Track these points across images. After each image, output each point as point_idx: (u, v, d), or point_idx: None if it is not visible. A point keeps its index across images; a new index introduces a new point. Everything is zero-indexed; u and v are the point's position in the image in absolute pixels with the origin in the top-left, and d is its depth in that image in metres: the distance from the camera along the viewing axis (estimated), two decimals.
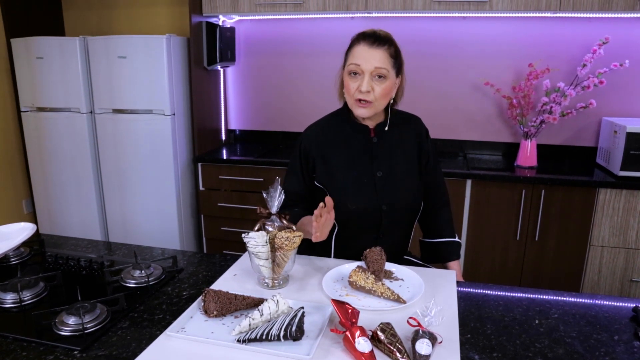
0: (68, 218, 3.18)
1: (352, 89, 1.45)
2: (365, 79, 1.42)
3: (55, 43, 2.90)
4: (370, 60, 1.42)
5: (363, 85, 1.42)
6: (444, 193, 1.70)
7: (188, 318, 1.14)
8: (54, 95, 2.98)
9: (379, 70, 1.42)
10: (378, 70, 1.42)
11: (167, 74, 2.81)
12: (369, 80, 1.42)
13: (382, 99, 1.46)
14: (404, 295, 1.25)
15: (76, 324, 1.11)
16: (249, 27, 3.28)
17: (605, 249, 2.55)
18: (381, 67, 1.42)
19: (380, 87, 1.43)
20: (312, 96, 3.26)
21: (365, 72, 1.42)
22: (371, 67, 1.42)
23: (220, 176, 2.96)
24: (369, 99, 1.44)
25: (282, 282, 1.32)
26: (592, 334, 1.12)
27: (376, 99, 1.44)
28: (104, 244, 1.71)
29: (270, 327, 1.04)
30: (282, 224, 1.31)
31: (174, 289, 1.33)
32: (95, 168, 3.07)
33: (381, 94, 1.44)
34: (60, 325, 1.12)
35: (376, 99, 1.44)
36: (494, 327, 1.14)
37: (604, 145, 2.78)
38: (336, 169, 1.53)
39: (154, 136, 2.90)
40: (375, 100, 1.45)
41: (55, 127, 3.03)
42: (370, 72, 1.42)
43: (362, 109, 1.46)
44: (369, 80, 1.42)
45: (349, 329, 1.01)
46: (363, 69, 1.42)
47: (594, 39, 2.73)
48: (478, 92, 3.04)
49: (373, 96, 1.44)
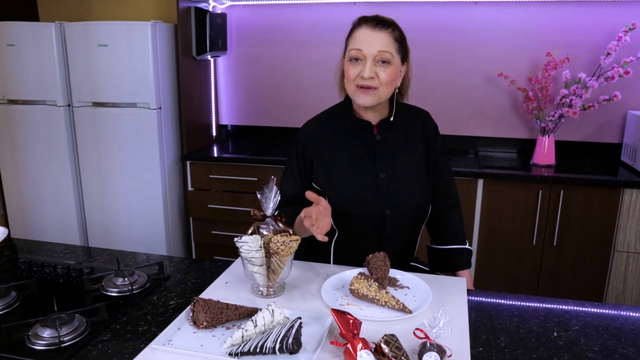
0: (43, 221, 3.17)
1: (353, 75, 1.43)
2: (367, 65, 1.41)
3: (29, 29, 2.89)
4: (373, 44, 1.41)
5: (365, 71, 1.40)
6: (454, 195, 1.70)
7: (175, 330, 1.14)
8: (27, 87, 2.98)
9: (383, 54, 1.41)
10: (382, 55, 1.41)
11: (152, 64, 2.80)
12: (371, 66, 1.41)
13: (387, 85, 1.44)
14: (409, 304, 1.25)
15: (52, 337, 1.11)
16: (242, 13, 3.28)
17: (631, 254, 2.55)
18: (385, 51, 1.41)
19: (385, 72, 1.42)
20: (310, 88, 3.26)
21: (368, 57, 1.41)
22: (374, 51, 1.41)
23: (211, 175, 2.96)
24: (373, 85, 1.42)
25: (278, 290, 1.33)
26: (617, 348, 1.12)
27: (381, 85, 1.43)
28: (83, 250, 1.71)
29: (264, 339, 1.04)
30: (278, 227, 1.32)
31: (160, 298, 1.33)
32: (73, 167, 3.06)
33: (387, 79, 1.42)
34: (34, 338, 1.11)
35: (381, 85, 1.43)
36: (509, 339, 1.14)
37: (630, 142, 2.78)
38: (336, 169, 1.53)
39: (138, 132, 2.89)
40: (380, 86, 1.43)
41: (29, 122, 3.02)
42: (374, 56, 1.41)
43: (365, 95, 1.44)
44: (371, 65, 1.41)
45: (350, 341, 1.02)
46: (365, 53, 1.41)
47: (619, 24, 2.73)
48: (490, 84, 3.04)
49: (378, 81, 1.42)
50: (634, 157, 2.68)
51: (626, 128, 2.86)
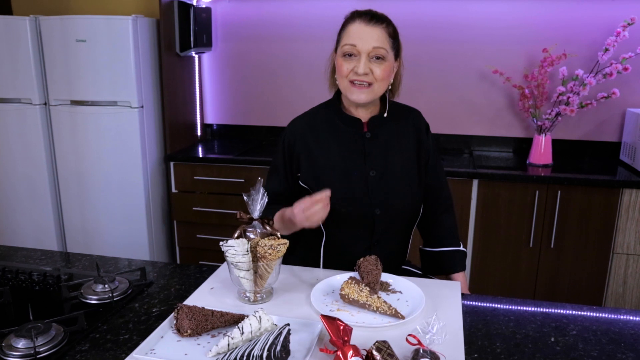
0: (18, 226, 3.15)
1: (346, 71, 1.45)
2: (362, 61, 1.43)
3: (1, 23, 2.87)
4: (368, 39, 1.43)
5: (360, 67, 1.43)
6: (446, 196, 1.71)
7: (158, 338, 1.13)
8: (1, 85, 2.95)
9: (378, 50, 1.43)
10: (376, 51, 1.43)
11: (133, 61, 2.79)
12: (366, 62, 1.43)
13: (382, 81, 1.47)
14: (402, 309, 1.25)
15: (27, 347, 1.10)
16: (228, 7, 3.27)
17: (631, 257, 2.58)
18: (380, 47, 1.43)
19: (379, 69, 1.44)
20: (299, 86, 3.26)
21: (362, 52, 1.43)
22: (369, 47, 1.43)
23: (196, 177, 2.95)
24: (368, 80, 1.44)
25: (266, 295, 1.32)
26: (616, 354, 1.13)
27: (377, 81, 1.45)
28: (60, 255, 1.69)
29: (251, 347, 1.03)
30: (265, 230, 1.32)
31: (142, 305, 1.32)
32: (50, 168, 3.04)
33: (381, 75, 1.45)
34: (8, 349, 1.10)
35: (377, 81, 1.45)
36: (504, 345, 1.15)
37: (629, 140, 2.81)
38: (324, 168, 1.53)
39: (119, 132, 2.88)
40: (374, 82, 1.45)
41: (3, 121, 3.00)
42: (368, 52, 1.43)
43: (359, 92, 1.46)
44: (366, 61, 1.43)
45: (340, 349, 1.02)
46: (359, 49, 1.43)
47: (618, 19, 2.76)
48: (485, 81, 3.06)
49: (373, 77, 1.45)
50: (633, 156, 2.71)
51: (625, 126, 2.89)
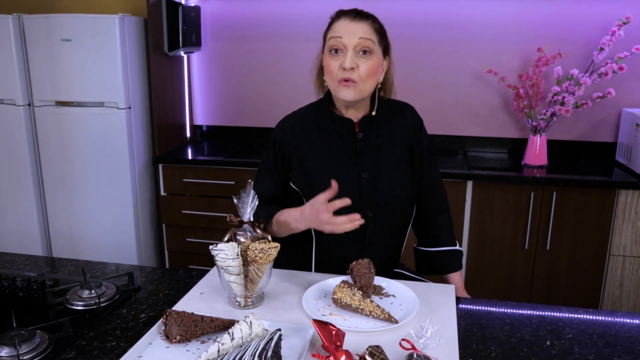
0: (1, 230, 3.13)
1: (335, 68, 1.46)
2: (348, 54, 1.43)
3: None
4: (353, 32, 1.44)
5: (346, 61, 1.43)
6: (442, 196, 1.72)
7: (146, 345, 1.13)
8: None
9: (364, 42, 1.43)
10: (363, 43, 1.43)
11: (120, 61, 2.78)
12: (352, 56, 1.43)
13: (367, 78, 1.46)
14: (395, 314, 1.25)
15: (10, 356, 1.09)
16: (217, 6, 3.27)
17: (628, 258, 2.60)
18: (366, 38, 1.44)
19: (366, 65, 1.44)
20: (290, 87, 3.26)
21: (348, 46, 1.44)
22: (354, 39, 1.43)
23: (185, 179, 2.95)
24: (353, 77, 1.44)
25: (256, 300, 1.32)
26: (613, 357, 1.13)
27: (361, 79, 1.45)
28: (45, 260, 1.69)
29: (242, 353, 1.03)
30: (256, 233, 1.31)
31: (130, 311, 1.32)
32: (35, 170, 3.02)
33: (367, 72, 1.45)
34: None
35: (361, 79, 1.45)
36: (499, 349, 1.16)
37: (624, 141, 2.83)
38: (314, 170, 1.53)
39: (106, 133, 2.87)
40: (360, 80, 1.45)
41: None
42: (354, 46, 1.43)
43: (347, 89, 1.46)
44: (352, 56, 1.44)
45: (333, 354, 1.02)
46: (345, 42, 1.44)
47: (613, 18, 2.77)
48: (479, 81, 3.08)
49: (357, 74, 1.44)
50: (629, 156, 2.73)
51: (621, 126, 2.91)
